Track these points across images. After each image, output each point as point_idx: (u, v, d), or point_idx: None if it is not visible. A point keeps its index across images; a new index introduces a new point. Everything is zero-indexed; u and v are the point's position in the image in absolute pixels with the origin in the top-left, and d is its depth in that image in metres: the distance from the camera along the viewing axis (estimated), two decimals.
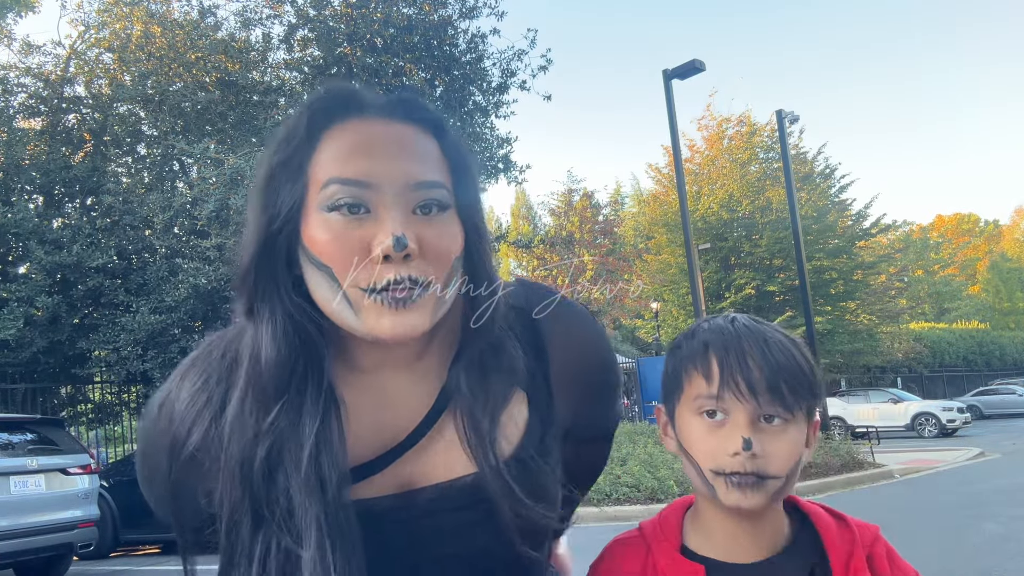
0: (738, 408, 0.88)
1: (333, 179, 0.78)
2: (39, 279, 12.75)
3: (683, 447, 0.94)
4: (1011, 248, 56.95)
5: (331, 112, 0.81)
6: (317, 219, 0.78)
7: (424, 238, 0.78)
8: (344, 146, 0.80)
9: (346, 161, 0.79)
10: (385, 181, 0.78)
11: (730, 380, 0.89)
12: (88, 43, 15.28)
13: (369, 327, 0.77)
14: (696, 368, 0.92)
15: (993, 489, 9.75)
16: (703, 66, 12.60)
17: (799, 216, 15.35)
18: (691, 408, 0.92)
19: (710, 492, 0.90)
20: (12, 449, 7.09)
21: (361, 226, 0.77)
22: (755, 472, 0.88)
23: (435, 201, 0.80)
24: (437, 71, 14.68)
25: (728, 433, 0.89)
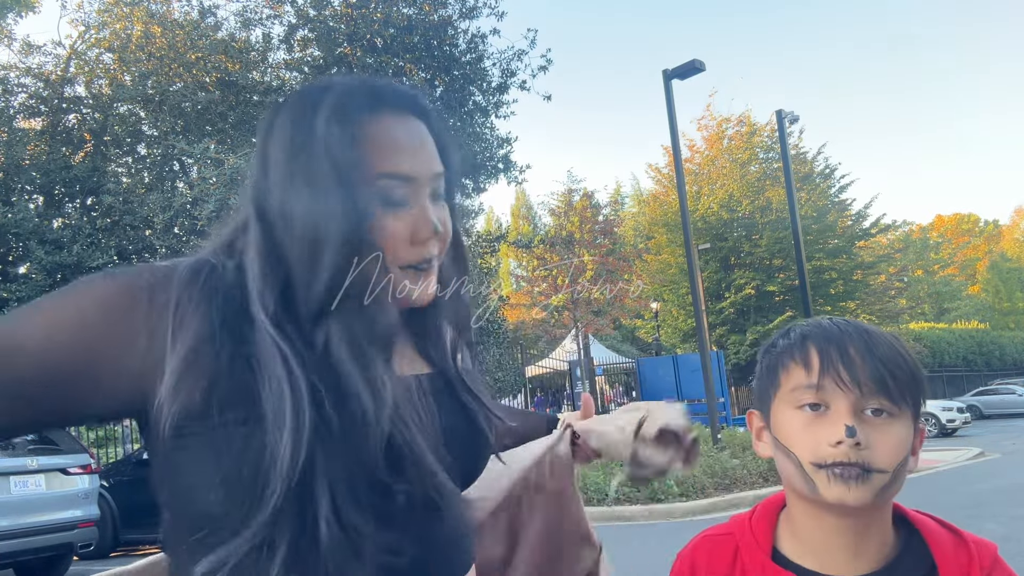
0: (840, 398, 0.85)
1: (388, 174, 0.85)
2: (39, 279, 12.76)
3: (780, 444, 0.90)
4: (1011, 248, 56.95)
5: (360, 104, 0.87)
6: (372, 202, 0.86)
7: (443, 220, 0.90)
8: (384, 140, 0.86)
9: (392, 156, 0.86)
10: (422, 173, 0.88)
11: (831, 368, 0.86)
12: (88, 43, 15.29)
13: (400, 293, 0.87)
14: (794, 359, 0.89)
15: (993, 489, 9.76)
16: (703, 66, 12.59)
17: (799, 216, 15.35)
18: (789, 402, 0.89)
19: (810, 488, 0.85)
20: (12, 449, 7.08)
21: (404, 214, 0.86)
22: (860, 463, 0.83)
23: (442, 189, 0.92)
24: (437, 71, 14.68)
25: (830, 423, 0.85)
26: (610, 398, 23.87)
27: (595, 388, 21.49)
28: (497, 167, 15.56)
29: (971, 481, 10.76)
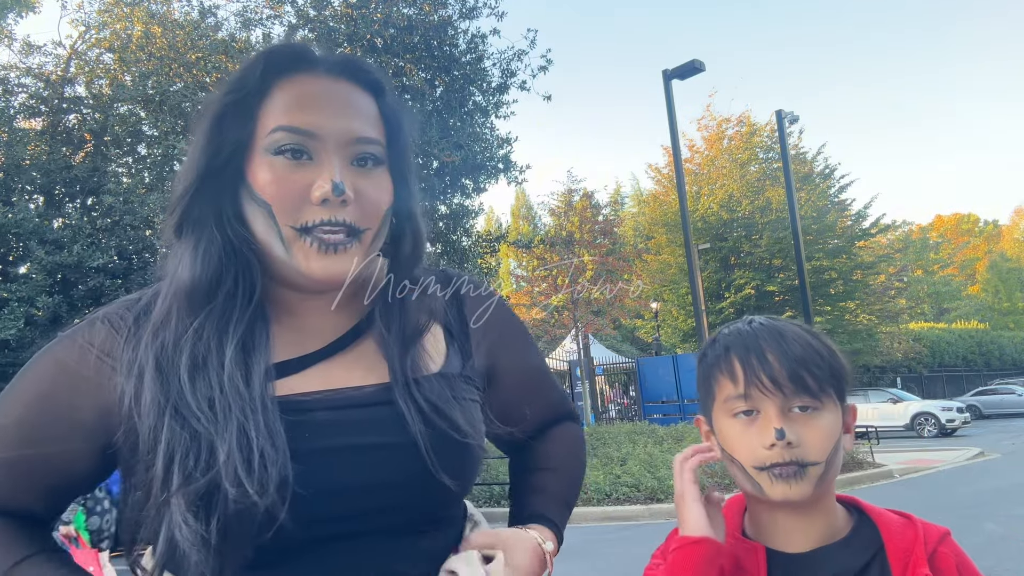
0: (766, 402, 0.92)
1: (281, 126, 0.85)
2: (40, 279, 12.75)
3: (724, 451, 0.97)
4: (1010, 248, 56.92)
5: (284, 64, 0.88)
6: (262, 160, 0.85)
7: (359, 188, 0.86)
8: (293, 97, 0.87)
9: (294, 111, 0.86)
10: (328, 133, 0.85)
11: (753, 377, 0.93)
12: (89, 43, 15.29)
13: (298, 266, 0.85)
14: (722, 372, 0.97)
15: (993, 489, 9.77)
16: (703, 66, 12.60)
17: (799, 216, 15.36)
18: (725, 411, 0.96)
19: (756, 489, 0.93)
20: None
21: (302, 171, 0.85)
22: (794, 460, 0.90)
23: (371, 155, 0.89)
24: (437, 71, 14.68)
25: (761, 428, 0.92)
26: (610, 398, 23.87)
27: (595, 388, 21.49)
28: (497, 167, 15.55)
29: (971, 481, 10.77)
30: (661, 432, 13.01)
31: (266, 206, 0.84)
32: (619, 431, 13.24)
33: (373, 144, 0.89)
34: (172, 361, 0.83)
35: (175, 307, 0.86)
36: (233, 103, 0.87)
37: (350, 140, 0.87)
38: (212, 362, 0.83)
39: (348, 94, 0.89)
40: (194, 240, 0.87)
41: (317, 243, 0.84)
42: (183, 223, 0.88)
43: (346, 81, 0.90)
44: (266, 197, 0.84)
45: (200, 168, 0.87)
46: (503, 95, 15.37)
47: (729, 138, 26.05)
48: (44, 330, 12.94)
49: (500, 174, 15.64)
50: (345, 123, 0.87)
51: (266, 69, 0.87)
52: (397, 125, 0.93)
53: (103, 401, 0.85)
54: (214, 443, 0.79)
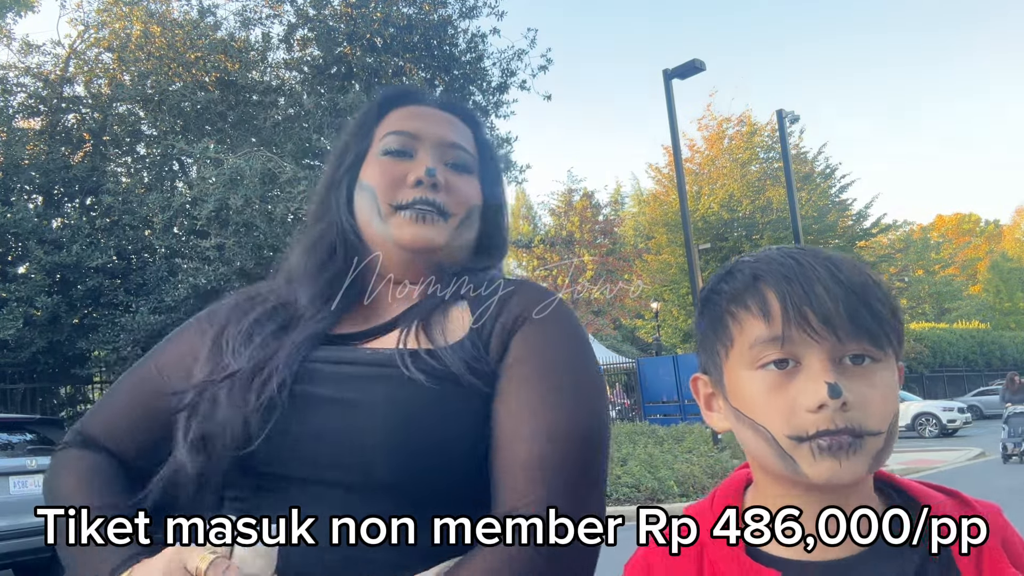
0: (811, 349, 0.68)
1: (390, 131, 1.03)
2: (38, 279, 12.73)
3: (743, 415, 0.72)
4: (1012, 248, 56.91)
5: (399, 98, 1.09)
6: (373, 160, 1.03)
7: (450, 180, 1.01)
8: (403, 114, 1.06)
9: (403, 121, 1.05)
10: (427, 135, 1.03)
11: (795, 314, 0.68)
12: (87, 43, 15.26)
13: (392, 234, 0.98)
14: (746, 307, 0.71)
15: (993, 489, 9.73)
16: (703, 66, 12.57)
17: (799, 216, 15.34)
18: (747, 362, 0.71)
19: (789, 467, 0.68)
20: (11, 449, 7.07)
21: (404, 164, 1.01)
22: (849, 428, 0.66)
23: (462, 161, 1.04)
24: (437, 71, 14.66)
25: (804, 383, 0.68)
26: (610, 398, 23.85)
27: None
28: None
29: (972, 482, 10.74)
30: (661, 432, 12.99)
31: (371, 190, 1.00)
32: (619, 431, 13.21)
33: (465, 152, 1.04)
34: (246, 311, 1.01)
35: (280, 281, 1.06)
36: (356, 128, 1.07)
37: (446, 143, 1.03)
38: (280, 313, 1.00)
39: (448, 117, 1.07)
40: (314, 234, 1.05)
41: (411, 214, 0.97)
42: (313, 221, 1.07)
43: (449, 112, 1.08)
44: (372, 183, 1.00)
45: (325, 180, 1.07)
46: (503, 95, 15.36)
47: (730, 138, 26.04)
48: (43, 330, 12.92)
49: None
50: (442, 129, 1.04)
51: (383, 102, 1.08)
52: (490, 150, 1.10)
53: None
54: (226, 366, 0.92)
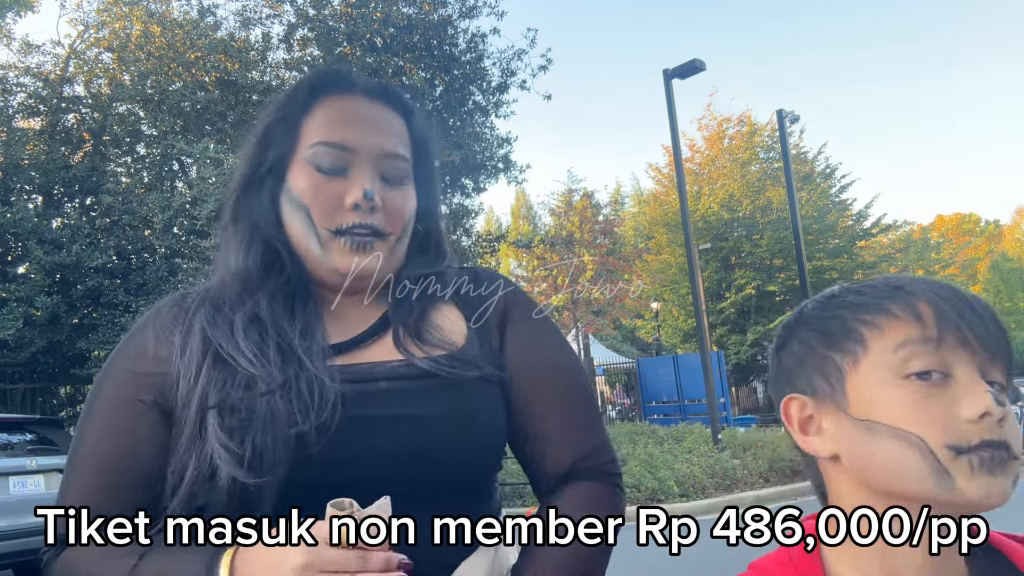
0: (965, 360, 0.64)
1: (320, 141, 0.96)
2: (38, 279, 12.72)
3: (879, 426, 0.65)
4: (1012, 248, 56.90)
5: (325, 86, 1.00)
6: (302, 169, 0.96)
7: (386, 198, 0.97)
8: (332, 114, 0.98)
9: (332, 127, 0.97)
10: (362, 147, 0.96)
11: (953, 319, 0.65)
12: (87, 43, 15.26)
13: (333, 263, 0.95)
14: (890, 312, 0.66)
15: None
16: (703, 66, 12.57)
17: (799, 216, 15.33)
18: (889, 368, 0.65)
19: (942, 484, 0.63)
20: (11, 449, 7.07)
21: (338, 182, 0.95)
22: (1004, 441, 0.62)
23: (399, 171, 0.99)
24: (437, 71, 14.65)
25: (963, 391, 0.63)
26: (610, 398, 23.84)
27: (595, 388, 21.47)
28: (497, 167, 15.53)
29: None
30: (661, 432, 12.99)
31: (304, 208, 0.95)
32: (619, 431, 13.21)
33: (401, 160, 0.99)
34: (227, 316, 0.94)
35: (229, 283, 0.98)
36: (279, 119, 0.99)
37: (381, 155, 0.97)
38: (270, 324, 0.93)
39: (382, 114, 1.00)
40: (242, 234, 1.00)
41: (350, 242, 0.94)
42: (234, 219, 1.02)
43: (380, 103, 1.00)
44: (305, 201, 0.95)
45: (246, 173, 1.00)
46: (503, 94, 15.35)
47: (730, 137, 26.04)
48: (42, 330, 12.92)
49: (500, 174, 15.62)
50: (377, 139, 0.97)
51: (311, 90, 0.99)
52: (424, 145, 1.04)
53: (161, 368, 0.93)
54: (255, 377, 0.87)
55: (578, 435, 0.97)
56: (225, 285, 0.98)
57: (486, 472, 0.96)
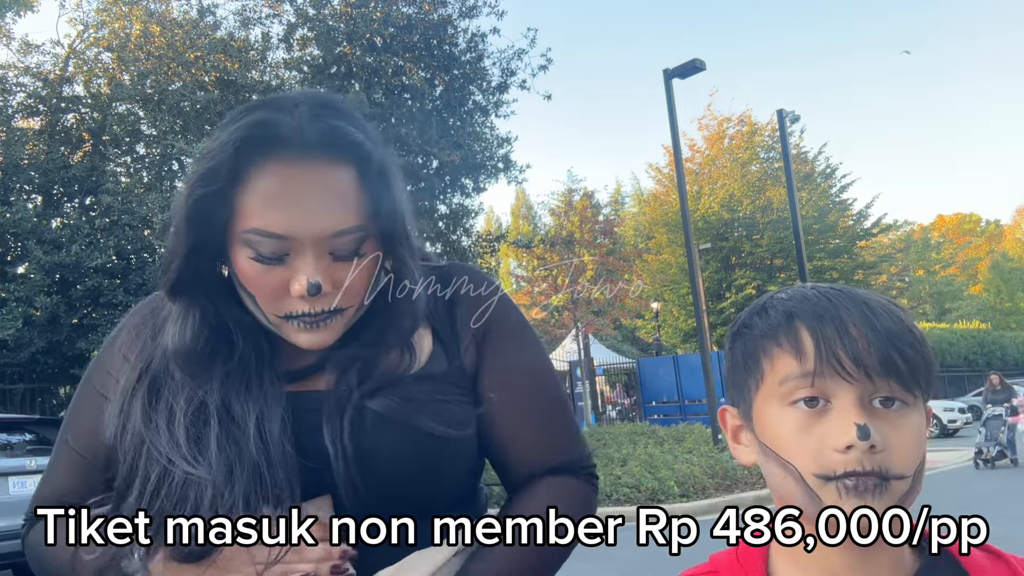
0: (842, 390, 0.68)
1: (255, 229, 0.85)
2: (38, 279, 12.72)
3: (771, 451, 0.72)
4: (1012, 248, 56.91)
5: (257, 148, 0.85)
6: (241, 252, 0.87)
7: (338, 279, 0.88)
8: (266, 191, 0.85)
9: (267, 210, 0.85)
10: (303, 233, 0.85)
11: (828, 353, 0.69)
12: (87, 42, 15.25)
13: (290, 337, 0.91)
14: (780, 344, 0.72)
15: (994, 490, 9.73)
16: (703, 65, 12.56)
17: (800, 216, 15.32)
18: (777, 397, 0.72)
19: (815, 506, 0.69)
20: (11, 449, 7.06)
21: (280, 270, 0.87)
22: (876, 471, 0.67)
23: (349, 247, 0.88)
24: (437, 70, 14.64)
25: (834, 422, 0.68)
26: (610, 398, 23.84)
27: (595, 388, 21.45)
28: (497, 167, 15.52)
29: (972, 482, 10.73)
30: (661, 433, 12.98)
31: (251, 296, 0.90)
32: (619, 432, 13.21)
33: (352, 233, 0.87)
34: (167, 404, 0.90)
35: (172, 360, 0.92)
36: (209, 195, 0.86)
37: (326, 236, 0.86)
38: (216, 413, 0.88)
39: (324, 180, 0.86)
40: (185, 307, 0.92)
41: (302, 325, 0.89)
42: (173, 291, 0.93)
43: (324, 159, 0.86)
44: (250, 288, 0.89)
45: (184, 246, 0.90)
46: (503, 94, 15.34)
47: (730, 137, 26.05)
48: (42, 330, 12.91)
49: (500, 174, 15.62)
50: (320, 221, 0.85)
51: (238, 153, 0.85)
52: (381, 188, 0.90)
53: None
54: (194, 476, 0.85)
55: (548, 445, 0.99)
56: (169, 360, 0.92)
57: (457, 498, 0.97)
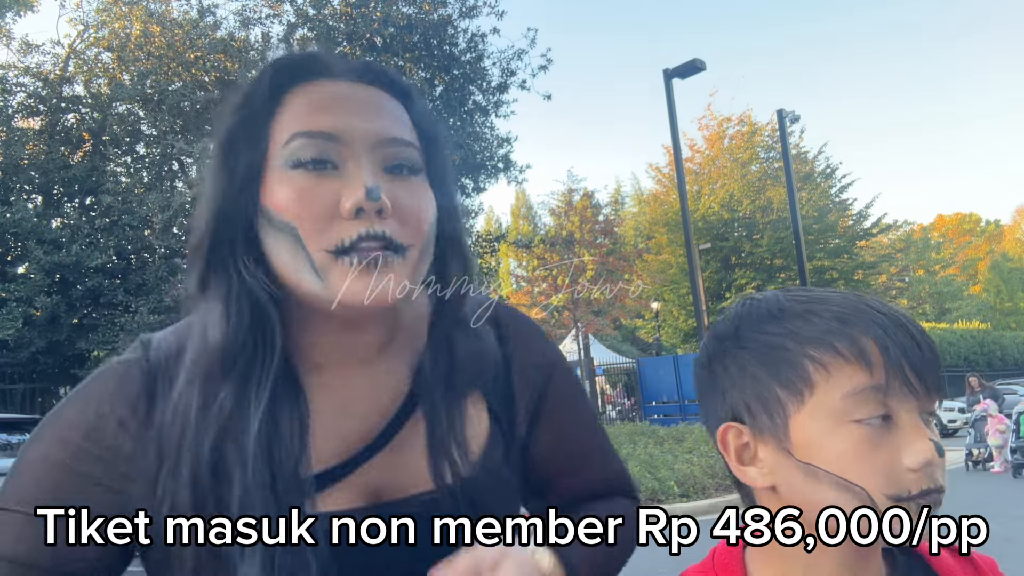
0: (906, 405, 0.63)
1: (298, 133, 0.71)
2: (38, 279, 12.73)
3: (819, 472, 0.63)
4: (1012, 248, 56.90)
5: (295, 72, 0.75)
6: (280, 177, 0.71)
7: (398, 198, 0.72)
8: (310, 102, 0.73)
9: (311, 116, 0.72)
10: (354, 135, 0.72)
11: (900, 364, 0.62)
12: (87, 42, 15.27)
13: (334, 293, 0.70)
14: (836, 351, 0.63)
15: (994, 490, 9.73)
16: (704, 65, 12.56)
17: (800, 216, 15.32)
18: (834, 413, 0.63)
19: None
20: (11, 450, 7.06)
21: (329, 182, 0.71)
22: (941, 486, 0.64)
23: (407, 160, 0.74)
24: (437, 70, 14.65)
25: (907, 440, 0.62)
26: (611, 398, 23.84)
27: (595, 388, 21.45)
28: (497, 167, 15.54)
29: (972, 482, 10.72)
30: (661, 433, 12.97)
31: (290, 229, 0.70)
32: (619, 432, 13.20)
33: (408, 147, 0.74)
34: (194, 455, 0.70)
35: (198, 381, 0.72)
36: (240, 122, 0.73)
37: (381, 140, 0.73)
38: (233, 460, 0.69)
39: (373, 96, 0.75)
40: (223, 292, 0.72)
41: (358, 260, 0.69)
42: (207, 275, 0.73)
43: (369, 85, 0.76)
44: (289, 218, 0.70)
45: (215, 206, 0.73)
46: (503, 94, 15.37)
47: (730, 137, 26.04)
48: (42, 330, 12.92)
49: (500, 173, 15.63)
50: (374, 123, 0.73)
51: (274, 80, 0.74)
52: (432, 132, 0.79)
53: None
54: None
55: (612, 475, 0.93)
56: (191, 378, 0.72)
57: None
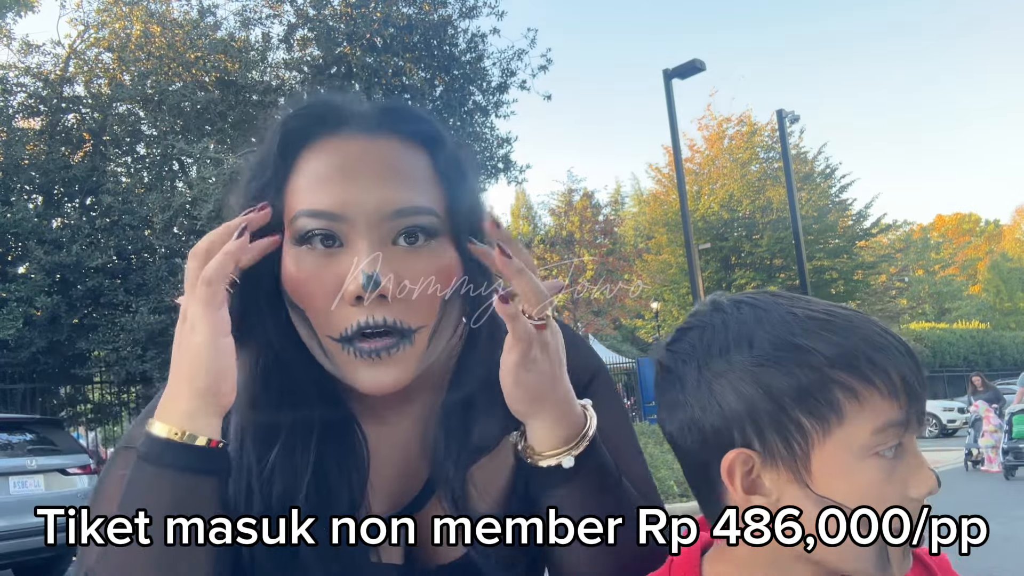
0: (913, 432, 0.61)
1: (301, 212, 0.69)
2: (38, 279, 12.72)
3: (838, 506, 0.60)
4: (1012, 248, 56.91)
5: (307, 130, 0.72)
6: (289, 252, 0.70)
7: (406, 274, 0.68)
8: (318, 172, 0.70)
9: (316, 190, 0.69)
10: (358, 211, 0.68)
11: (917, 398, 0.61)
12: (87, 43, 15.26)
13: (344, 377, 0.70)
14: (869, 381, 0.59)
15: (994, 490, 9.74)
16: (703, 66, 12.58)
17: (799, 216, 15.33)
18: (860, 447, 0.60)
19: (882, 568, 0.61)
20: (11, 449, 7.07)
21: (335, 262, 0.68)
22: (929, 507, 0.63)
23: (419, 228, 0.69)
24: (437, 71, 14.65)
25: (913, 468, 0.61)
26: None
27: None
28: (497, 167, 15.53)
29: (972, 481, 10.73)
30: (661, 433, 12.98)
31: (301, 312, 0.70)
32: None
33: (422, 214, 0.70)
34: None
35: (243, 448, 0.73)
36: (259, 191, 0.72)
37: (387, 214, 0.68)
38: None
39: (386, 153, 0.71)
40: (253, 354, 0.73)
41: (358, 352, 0.68)
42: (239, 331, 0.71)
43: (386, 136, 0.72)
44: (298, 300, 0.69)
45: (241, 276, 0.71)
46: (503, 94, 15.36)
47: (730, 137, 26.04)
48: (42, 330, 12.92)
49: (500, 174, 15.63)
50: (380, 193, 0.68)
51: (285, 139, 0.72)
52: (459, 181, 0.73)
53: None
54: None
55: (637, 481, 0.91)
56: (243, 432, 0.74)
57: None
